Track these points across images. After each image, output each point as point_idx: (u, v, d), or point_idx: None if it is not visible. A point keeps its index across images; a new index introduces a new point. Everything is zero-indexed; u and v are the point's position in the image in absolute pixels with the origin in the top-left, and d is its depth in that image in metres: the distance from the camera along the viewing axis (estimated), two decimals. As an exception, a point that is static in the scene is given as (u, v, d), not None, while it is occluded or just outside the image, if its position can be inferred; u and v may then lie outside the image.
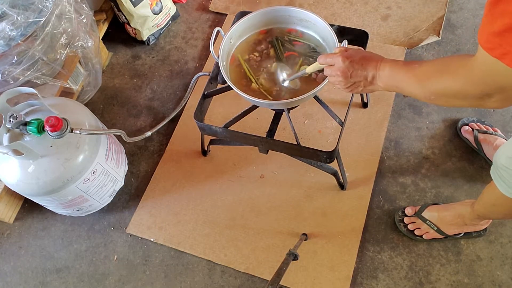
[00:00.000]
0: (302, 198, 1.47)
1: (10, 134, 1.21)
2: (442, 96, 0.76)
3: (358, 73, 0.91)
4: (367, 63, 0.90)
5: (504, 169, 0.95)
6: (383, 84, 0.90)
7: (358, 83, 0.94)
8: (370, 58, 0.91)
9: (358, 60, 0.91)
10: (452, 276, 1.32)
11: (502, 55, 0.57)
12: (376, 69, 0.89)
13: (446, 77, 0.73)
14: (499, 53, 0.57)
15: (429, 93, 0.78)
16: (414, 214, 1.37)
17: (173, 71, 1.80)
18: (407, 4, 1.81)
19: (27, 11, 1.24)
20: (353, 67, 0.91)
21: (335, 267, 1.35)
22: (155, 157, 1.61)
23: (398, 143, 1.54)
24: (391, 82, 0.88)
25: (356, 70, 0.91)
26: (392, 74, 0.86)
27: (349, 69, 0.92)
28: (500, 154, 0.97)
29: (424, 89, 0.79)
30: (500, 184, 0.98)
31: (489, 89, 0.65)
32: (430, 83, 0.77)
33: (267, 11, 1.25)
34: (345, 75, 0.93)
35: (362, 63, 0.90)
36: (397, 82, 0.86)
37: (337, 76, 0.95)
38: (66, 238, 1.50)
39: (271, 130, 1.23)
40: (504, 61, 0.57)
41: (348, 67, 0.92)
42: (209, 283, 1.38)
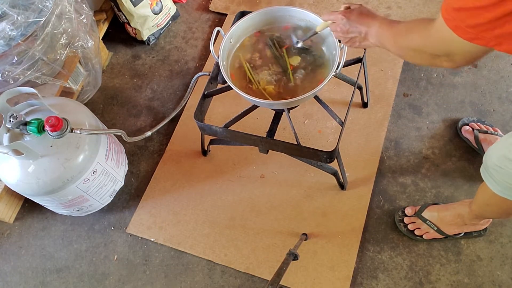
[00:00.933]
0: (302, 198, 1.47)
1: (10, 134, 1.21)
2: (407, 51, 0.87)
3: (354, 29, 1.00)
4: (361, 20, 0.99)
5: (496, 168, 0.95)
6: (373, 41, 0.98)
7: (354, 38, 1.03)
8: (365, 16, 1.00)
9: (354, 18, 1.00)
10: (452, 276, 1.32)
11: (455, 27, 0.67)
12: (368, 26, 0.98)
13: (411, 34, 0.84)
14: (453, 25, 0.67)
15: (399, 48, 0.89)
16: (414, 214, 1.37)
17: (173, 71, 1.80)
18: (407, 4, 1.81)
19: (27, 11, 1.24)
20: (349, 24, 1.01)
21: (335, 267, 1.35)
22: (155, 157, 1.61)
23: (398, 143, 1.54)
24: (378, 39, 0.96)
25: (352, 26, 1.00)
26: (379, 31, 0.95)
27: (346, 26, 1.01)
28: (491, 154, 0.98)
29: (396, 44, 0.90)
30: (491, 183, 0.99)
31: (439, 51, 0.76)
32: (400, 39, 0.88)
33: (267, 11, 1.25)
34: (343, 31, 1.03)
35: (358, 20, 1.00)
36: (382, 39, 0.95)
37: (337, 32, 1.05)
38: (66, 238, 1.50)
39: (271, 130, 1.23)
40: (456, 32, 0.67)
41: (345, 24, 1.01)
42: (209, 283, 1.38)
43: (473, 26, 0.63)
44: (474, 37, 0.65)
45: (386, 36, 0.93)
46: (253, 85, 1.20)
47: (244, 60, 1.24)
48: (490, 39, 0.64)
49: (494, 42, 0.64)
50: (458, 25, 0.66)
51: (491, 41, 0.64)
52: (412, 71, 1.67)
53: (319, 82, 1.12)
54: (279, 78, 1.21)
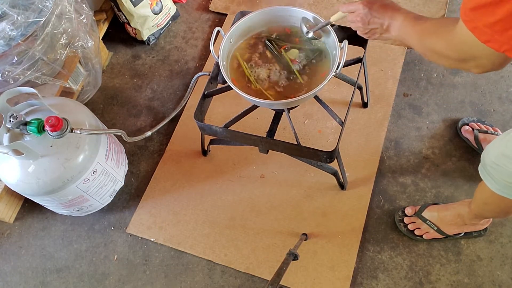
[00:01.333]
0: (302, 198, 1.47)
1: (10, 134, 1.21)
2: (432, 53, 0.84)
3: (375, 20, 0.96)
4: (384, 11, 0.95)
5: (494, 166, 0.96)
6: (395, 34, 0.95)
7: (374, 30, 0.99)
8: (388, 7, 0.95)
9: (376, 8, 0.96)
10: (452, 276, 1.32)
11: (473, 28, 0.65)
12: (391, 18, 0.94)
13: (436, 37, 0.81)
14: (472, 26, 0.66)
15: (424, 49, 0.86)
16: (414, 214, 1.37)
17: (173, 71, 1.80)
18: (407, 4, 1.81)
19: (27, 11, 1.24)
20: (371, 14, 0.96)
21: (335, 267, 1.35)
22: (155, 157, 1.61)
23: (398, 143, 1.54)
24: (401, 34, 0.93)
25: (374, 17, 0.96)
26: (403, 25, 0.92)
27: (367, 16, 0.97)
28: (489, 152, 0.98)
29: (421, 44, 0.87)
30: (489, 181, 0.99)
31: (464, 55, 0.74)
32: (426, 39, 0.85)
33: (267, 11, 1.25)
34: (363, 21, 0.98)
35: (380, 10, 0.95)
36: (405, 35, 0.92)
37: (356, 22, 1.01)
38: (66, 238, 1.50)
39: (271, 130, 1.23)
40: (474, 33, 0.65)
41: (367, 14, 0.97)
42: (209, 283, 1.38)
43: (489, 25, 0.62)
44: (489, 38, 0.64)
45: (410, 32, 0.90)
46: (252, 85, 1.20)
47: (243, 61, 1.24)
48: (503, 42, 0.62)
49: (506, 46, 0.63)
50: (476, 25, 0.64)
51: (504, 45, 0.63)
52: (412, 71, 1.67)
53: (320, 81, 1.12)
54: (280, 77, 1.21)
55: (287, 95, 1.18)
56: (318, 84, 1.11)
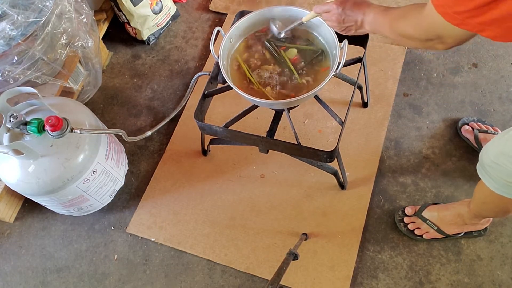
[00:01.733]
0: (302, 197, 1.47)
1: (10, 134, 1.21)
2: (402, 37, 0.89)
3: (349, 18, 1.02)
4: (357, 9, 1.00)
5: (492, 165, 0.96)
6: (369, 28, 1.00)
7: (350, 27, 1.04)
8: (360, 4, 1.01)
9: (349, 7, 1.01)
10: (452, 276, 1.32)
11: (443, 13, 0.71)
12: (364, 14, 0.99)
13: (404, 21, 0.87)
14: (442, 11, 0.71)
15: (395, 34, 0.91)
16: (414, 214, 1.37)
17: (173, 71, 1.80)
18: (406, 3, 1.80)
19: (27, 10, 1.24)
20: (345, 13, 1.02)
21: (335, 266, 1.35)
22: (155, 157, 1.61)
23: (398, 143, 1.54)
24: (374, 26, 0.99)
25: (347, 16, 1.02)
26: (374, 18, 0.97)
27: (341, 15, 1.02)
28: (487, 151, 0.98)
29: (392, 30, 0.92)
30: (488, 181, 0.99)
31: (431, 35, 0.80)
32: (396, 25, 0.90)
33: (267, 11, 1.25)
34: (338, 20, 1.04)
35: (353, 9, 1.01)
36: (378, 26, 0.97)
37: (332, 22, 1.06)
38: (66, 237, 1.50)
39: (271, 130, 1.23)
40: (445, 17, 0.71)
41: (341, 14, 1.02)
42: (209, 282, 1.38)
43: (459, 13, 0.68)
44: (460, 22, 0.69)
45: (382, 22, 0.95)
46: (255, 85, 1.20)
47: (242, 61, 1.24)
48: (474, 25, 0.68)
49: (477, 28, 0.68)
50: (446, 11, 0.70)
51: (475, 27, 0.68)
52: (412, 70, 1.67)
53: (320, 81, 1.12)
54: (280, 77, 1.21)
55: (287, 95, 1.18)
56: (318, 84, 1.11)
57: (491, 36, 0.68)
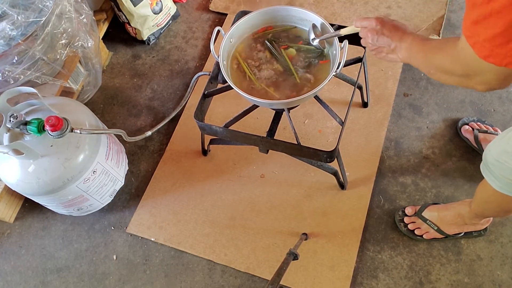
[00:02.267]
0: (302, 197, 1.47)
1: (10, 134, 1.21)
2: (437, 70, 0.83)
3: (384, 38, 0.97)
4: (394, 31, 0.96)
5: (495, 163, 0.96)
6: (402, 55, 0.95)
7: (381, 48, 1.00)
8: (399, 28, 0.96)
9: (388, 27, 0.97)
10: (452, 276, 1.32)
11: (474, 43, 0.64)
12: (400, 40, 0.94)
13: (441, 53, 0.81)
14: (472, 42, 0.64)
15: (429, 67, 0.86)
16: (414, 214, 1.37)
17: (173, 71, 1.80)
18: (407, 3, 1.81)
19: (27, 10, 1.24)
20: (382, 31, 0.97)
21: (335, 266, 1.35)
22: (155, 157, 1.61)
23: (398, 143, 1.54)
24: (407, 54, 0.94)
25: (383, 35, 0.97)
26: (410, 47, 0.92)
27: (378, 32, 0.97)
28: (490, 149, 0.98)
29: (427, 62, 0.87)
30: (491, 179, 0.99)
31: (468, 70, 0.72)
32: (431, 57, 0.84)
33: (267, 11, 1.25)
34: (373, 37, 0.99)
35: (391, 30, 0.96)
36: (411, 55, 0.93)
37: (366, 38, 1.01)
38: (66, 237, 1.50)
39: (271, 130, 1.23)
40: (474, 49, 0.64)
41: (377, 31, 0.97)
42: (209, 282, 1.38)
43: (489, 39, 0.60)
44: (489, 53, 0.62)
45: (417, 51, 0.90)
46: (256, 84, 1.20)
47: (243, 60, 1.24)
48: (505, 55, 0.60)
49: (508, 59, 0.61)
50: (476, 40, 0.62)
51: (506, 58, 0.61)
52: (412, 70, 1.67)
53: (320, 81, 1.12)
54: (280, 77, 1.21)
55: (287, 95, 1.18)
56: (318, 83, 1.11)
57: None
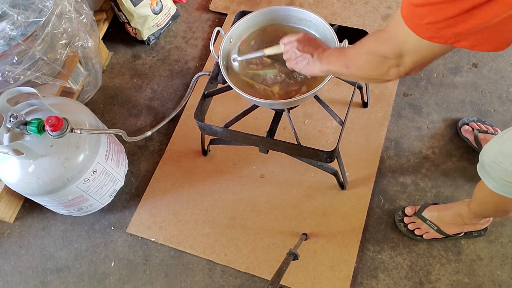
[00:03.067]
0: (302, 197, 1.47)
1: (10, 134, 1.21)
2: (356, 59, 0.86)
3: (308, 48, 1.03)
4: (318, 45, 1.04)
5: (492, 164, 0.96)
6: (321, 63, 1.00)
7: (303, 57, 1.03)
8: (323, 44, 1.06)
9: (312, 41, 1.05)
10: (452, 276, 1.32)
11: (415, 25, 0.64)
12: (322, 51, 1.02)
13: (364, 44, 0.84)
14: (413, 23, 0.65)
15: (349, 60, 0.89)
16: (414, 214, 1.37)
17: (173, 71, 1.80)
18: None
19: (27, 10, 1.24)
20: (309, 42, 1.05)
21: (335, 266, 1.35)
22: (155, 157, 1.61)
23: (398, 143, 1.54)
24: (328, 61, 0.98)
25: (307, 46, 1.04)
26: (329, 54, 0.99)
27: (303, 42, 1.04)
28: (487, 151, 0.98)
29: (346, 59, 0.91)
30: (488, 180, 1.00)
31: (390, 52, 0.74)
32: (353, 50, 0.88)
33: (267, 11, 1.25)
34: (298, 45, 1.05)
35: (315, 44, 1.04)
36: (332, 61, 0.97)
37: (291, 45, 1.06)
38: (66, 237, 1.50)
39: (271, 130, 1.23)
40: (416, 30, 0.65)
41: (304, 40, 1.05)
42: (209, 282, 1.38)
43: (434, 23, 0.61)
44: (433, 35, 0.63)
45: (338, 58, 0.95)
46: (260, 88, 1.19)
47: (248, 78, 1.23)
48: (450, 36, 0.62)
49: (453, 40, 0.62)
50: (418, 22, 0.63)
51: (451, 39, 0.62)
52: (412, 71, 1.67)
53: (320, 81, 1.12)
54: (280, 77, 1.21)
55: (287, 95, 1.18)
56: (318, 83, 1.11)
57: (468, 46, 0.62)
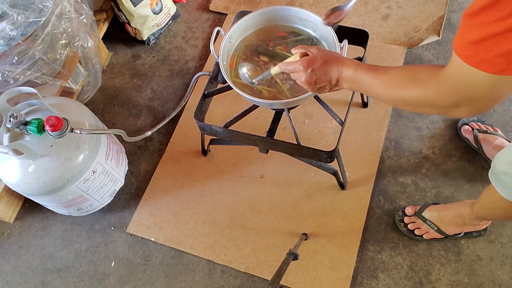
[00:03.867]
0: (302, 197, 1.47)
1: (10, 134, 1.21)
2: (409, 104, 0.79)
3: (321, 79, 0.93)
4: (329, 68, 0.91)
5: (505, 174, 0.95)
6: (348, 86, 0.92)
7: (324, 87, 0.96)
8: (332, 62, 0.91)
9: (319, 67, 0.92)
10: (452, 276, 1.32)
11: (478, 62, 0.60)
12: (339, 73, 0.91)
13: (415, 87, 0.75)
14: (476, 61, 0.60)
15: (395, 100, 0.81)
16: (414, 214, 1.37)
17: (173, 71, 1.80)
18: (407, 3, 1.81)
19: (27, 10, 1.24)
20: (316, 74, 0.93)
21: (335, 266, 1.35)
22: (155, 157, 1.61)
23: (398, 143, 1.54)
24: (356, 86, 0.91)
25: (319, 77, 0.93)
26: (357, 78, 0.89)
27: (312, 78, 0.93)
28: (500, 160, 0.97)
29: (391, 96, 0.82)
30: (501, 189, 0.98)
31: (458, 99, 0.68)
32: (397, 91, 0.79)
33: (267, 11, 1.25)
34: (309, 83, 0.95)
35: (324, 69, 0.92)
36: (363, 86, 0.89)
37: (302, 83, 0.97)
38: (66, 237, 1.50)
39: (271, 130, 1.23)
40: (481, 67, 0.60)
41: (311, 76, 0.93)
42: (209, 282, 1.38)
43: (503, 54, 0.56)
44: (505, 67, 0.58)
45: (372, 84, 0.85)
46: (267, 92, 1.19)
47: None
48: None
49: None
50: (483, 58, 0.58)
51: None
52: (412, 71, 1.67)
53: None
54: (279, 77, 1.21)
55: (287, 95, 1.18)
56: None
57: None
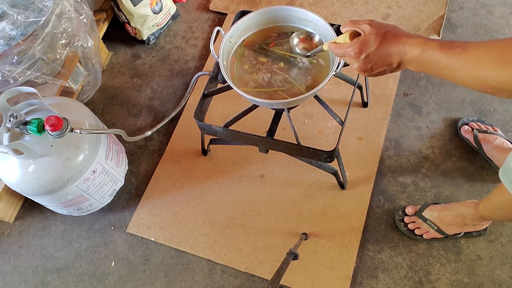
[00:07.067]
0: (302, 197, 1.47)
1: (10, 134, 1.21)
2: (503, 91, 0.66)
3: (378, 64, 0.79)
4: (387, 51, 0.77)
5: None
6: (414, 69, 0.78)
7: (383, 71, 0.82)
8: (390, 42, 0.76)
9: (375, 51, 0.78)
10: (452, 276, 1.32)
11: None
12: (401, 55, 0.77)
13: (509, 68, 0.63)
14: None
15: (484, 85, 0.67)
16: (415, 214, 1.37)
17: (173, 71, 1.80)
18: (407, 3, 1.81)
19: (27, 10, 1.24)
20: (371, 61, 0.79)
21: (335, 266, 1.35)
22: (155, 157, 1.61)
23: (398, 143, 1.54)
24: (426, 68, 0.75)
25: (375, 62, 0.79)
26: (427, 59, 0.73)
27: (367, 64, 0.80)
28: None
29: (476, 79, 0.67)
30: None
31: None
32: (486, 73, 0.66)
33: (267, 11, 1.25)
34: (364, 70, 0.82)
35: (381, 53, 0.77)
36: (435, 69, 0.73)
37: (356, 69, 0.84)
38: (66, 237, 1.50)
39: (271, 130, 1.23)
40: None
41: (366, 62, 0.80)
42: (209, 282, 1.38)
43: None
44: None
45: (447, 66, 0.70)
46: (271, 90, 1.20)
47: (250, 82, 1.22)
48: None
49: None
50: None
51: None
52: (412, 70, 1.67)
53: (320, 81, 1.11)
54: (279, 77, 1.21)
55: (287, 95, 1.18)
56: (318, 83, 1.11)
57: None
